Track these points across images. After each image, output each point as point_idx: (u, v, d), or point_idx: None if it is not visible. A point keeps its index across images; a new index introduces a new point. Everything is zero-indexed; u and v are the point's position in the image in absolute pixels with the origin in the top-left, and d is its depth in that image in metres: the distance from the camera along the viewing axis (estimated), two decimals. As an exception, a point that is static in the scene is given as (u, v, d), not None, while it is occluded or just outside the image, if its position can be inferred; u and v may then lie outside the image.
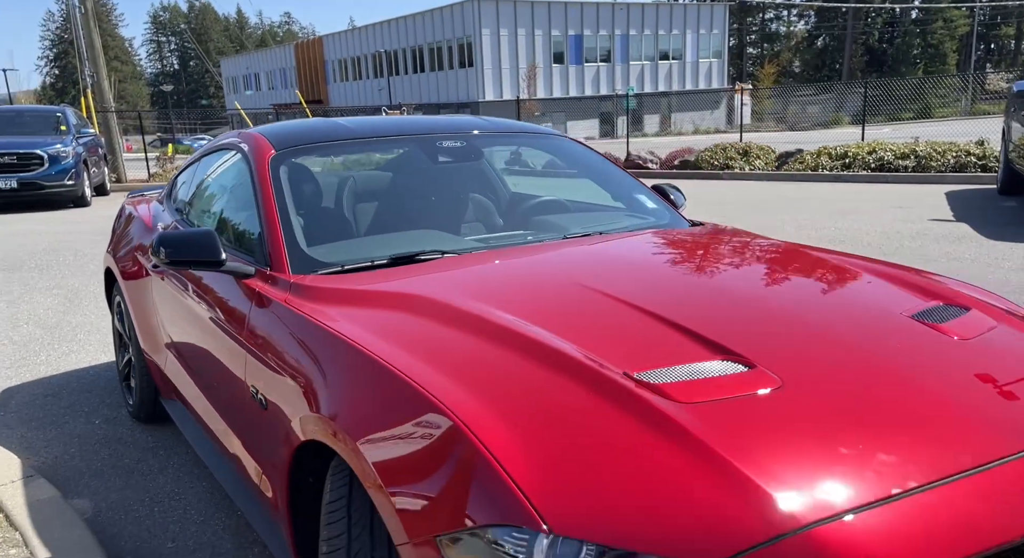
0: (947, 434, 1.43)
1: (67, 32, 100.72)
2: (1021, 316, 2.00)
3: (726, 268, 2.34)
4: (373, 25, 50.20)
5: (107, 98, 17.24)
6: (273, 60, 59.89)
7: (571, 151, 3.34)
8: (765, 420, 1.42)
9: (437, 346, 1.72)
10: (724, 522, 1.22)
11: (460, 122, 3.21)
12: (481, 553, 1.27)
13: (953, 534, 1.25)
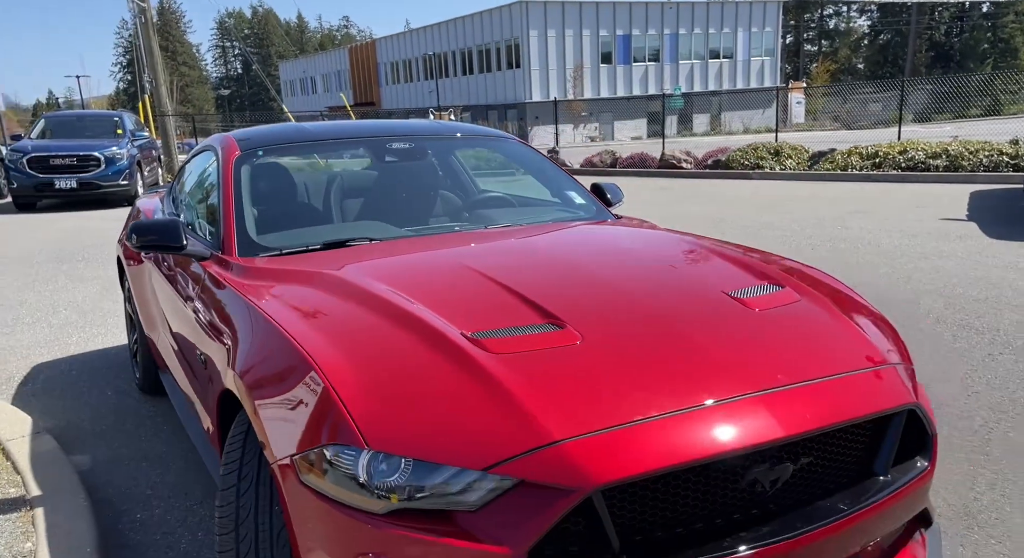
0: (698, 377, 1.75)
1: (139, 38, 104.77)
2: (828, 295, 2.29)
3: (593, 252, 2.68)
4: (423, 28, 51.11)
5: (164, 103, 18.22)
6: (328, 63, 61.47)
7: (519, 153, 3.69)
8: (556, 366, 1.76)
9: (324, 311, 2.10)
10: (498, 438, 1.57)
11: (413, 126, 3.58)
12: (323, 469, 1.64)
13: (681, 447, 1.59)
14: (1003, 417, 3.40)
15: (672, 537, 1.65)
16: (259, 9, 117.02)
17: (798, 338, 2.01)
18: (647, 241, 2.81)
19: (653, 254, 2.58)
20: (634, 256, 2.60)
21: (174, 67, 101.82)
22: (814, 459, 1.79)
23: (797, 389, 1.78)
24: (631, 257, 2.59)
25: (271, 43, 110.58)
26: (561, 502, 1.51)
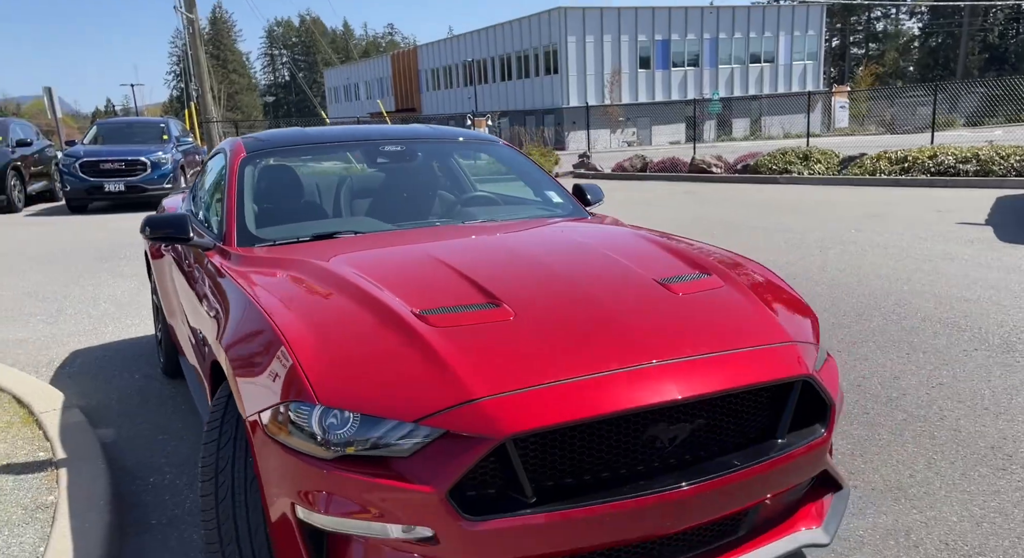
0: (610, 348, 2.02)
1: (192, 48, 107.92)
2: (752, 283, 2.52)
3: (547, 243, 2.96)
4: (464, 35, 51.73)
5: (209, 109, 18.96)
6: (372, 70, 62.56)
7: (507, 156, 3.97)
8: (487, 338, 2.05)
9: (298, 291, 2.42)
10: (429, 396, 1.86)
11: (406, 131, 3.91)
12: (284, 422, 1.94)
13: (584, 405, 1.85)
14: (959, 407, 3.57)
15: (580, 484, 1.91)
16: (306, 18, 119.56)
17: (709, 318, 2.26)
18: (600, 235, 3.07)
19: (601, 246, 2.84)
20: (583, 247, 2.87)
21: (224, 75, 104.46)
22: (711, 420, 2.04)
23: (695, 360, 2.03)
24: (580, 248, 2.86)
25: (317, 51, 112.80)
26: (477, 449, 1.79)
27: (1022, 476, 2.91)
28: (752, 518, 2.15)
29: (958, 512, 2.68)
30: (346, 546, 1.92)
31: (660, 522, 1.93)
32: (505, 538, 1.81)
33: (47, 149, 16.68)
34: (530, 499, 1.83)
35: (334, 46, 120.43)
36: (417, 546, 1.85)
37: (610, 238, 3.02)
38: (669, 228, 9.33)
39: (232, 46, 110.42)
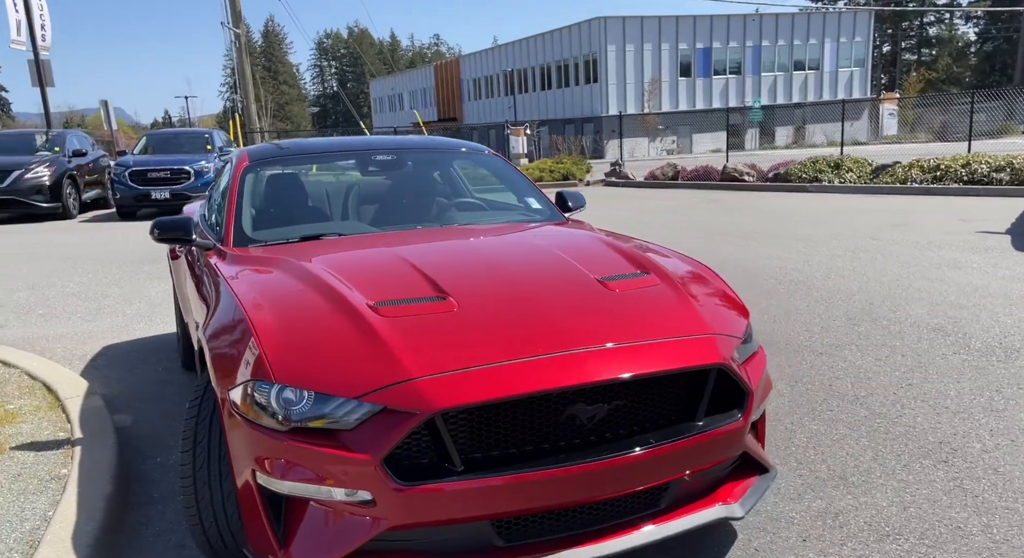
0: (539, 337, 2.27)
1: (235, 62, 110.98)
2: (689, 282, 2.73)
3: (507, 244, 3.23)
4: (505, 45, 52.25)
5: (253, 120, 19.67)
6: (415, 81, 63.55)
7: (494, 165, 4.23)
8: (429, 327, 2.31)
9: (272, 285, 2.71)
10: (371, 376, 2.12)
11: (399, 141, 4.21)
12: (248, 399, 2.22)
13: (506, 385, 2.09)
14: (921, 405, 3.69)
15: (506, 456, 2.15)
16: (354, 29, 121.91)
17: (636, 312, 2.48)
18: (560, 238, 3.31)
19: (556, 247, 3.07)
20: (538, 249, 3.11)
21: (275, 86, 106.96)
22: (630, 403, 2.26)
23: (614, 349, 2.26)
24: (535, 249, 3.11)
25: (364, 62, 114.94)
26: (409, 422, 2.04)
27: (960, 468, 3.04)
28: (673, 492, 2.35)
29: (889, 498, 2.83)
30: (299, 508, 2.18)
31: (577, 492, 2.16)
32: (434, 501, 2.06)
33: (101, 159, 17.50)
34: (458, 468, 2.08)
35: (381, 57, 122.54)
36: (358, 508, 2.10)
37: (567, 241, 3.25)
38: (686, 235, 9.45)
39: (283, 58, 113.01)
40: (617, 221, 11.91)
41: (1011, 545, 2.51)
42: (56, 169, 14.84)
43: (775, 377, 4.20)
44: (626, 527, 2.27)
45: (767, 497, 2.88)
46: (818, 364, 4.37)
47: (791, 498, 2.88)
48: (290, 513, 2.21)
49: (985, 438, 3.30)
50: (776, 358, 4.51)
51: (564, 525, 2.23)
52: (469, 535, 2.14)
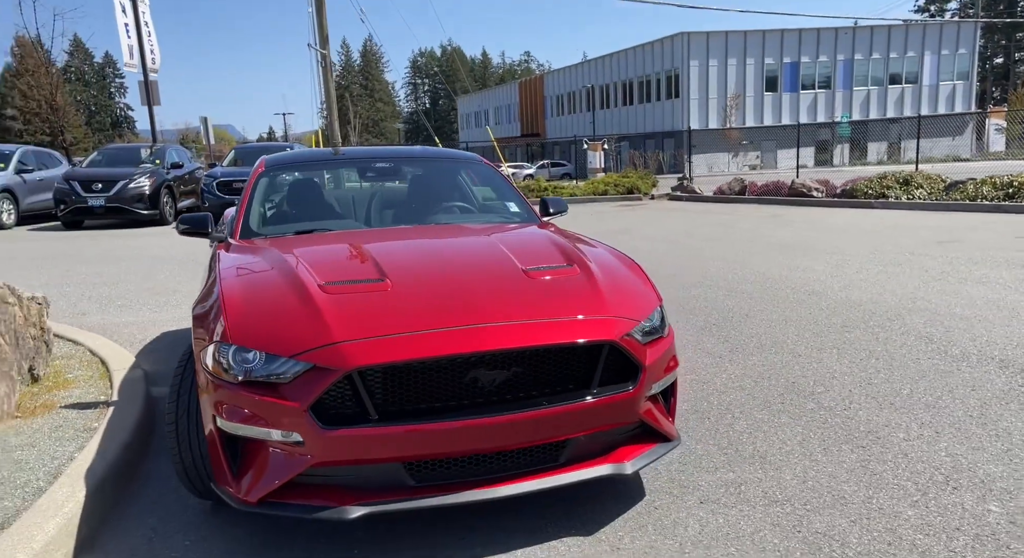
0: (453, 313, 2.68)
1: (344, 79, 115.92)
2: (604, 275, 3.07)
3: (460, 240, 3.63)
4: (588, 61, 52.73)
5: (336, 135, 20.78)
6: (500, 97, 64.81)
7: (484, 173, 4.67)
8: (363, 303, 2.76)
9: (251, 268, 3.22)
10: (306, 339, 2.58)
11: (400, 151, 4.70)
12: (211, 358, 2.71)
13: (415, 350, 2.51)
14: (868, 401, 3.88)
15: (417, 409, 2.57)
16: (448, 48, 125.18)
17: (546, 296, 2.86)
18: (514, 236, 3.71)
19: (503, 243, 3.46)
20: (486, 244, 3.52)
21: (371, 103, 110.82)
22: (529, 370, 2.63)
23: (515, 325, 2.65)
24: (482, 244, 3.52)
25: (456, 79, 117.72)
26: (330, 377, 2.49)
27: (873, 453, 3.25)
28: (571, 450, 2.70)
29: (795, 473, 3.09)
30: (248, 448, 2.65)
31: (477, 442, 2.55)
32: (351, 443, 2.49)
33: (197, 170, 18.94)
34: (373, 417, 2.51)
35: (472, 74, 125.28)
36: (292, 447, 2.55)
37: (517, 239, 3.65)
38: (721, 246, 9.52)
39: (379, 76, 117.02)
40: (661, 232, 12.12)
41: (881, 511, 2.74)
42: (156, 179, 16.21)
43: (748, 374, 4.44)
44: (524, 476, 2.64)
45: (684, 468, 3.18)
46: (792, 364, 4.57)
47: (707, 470, 3.17)
48: (242, 452, 2.68)
49: (912, 430, 3.48)
50: (755, 357, 4.73)
51: (470, 472, 2.62)
52: (384, 474, 2.56)
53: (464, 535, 2.72)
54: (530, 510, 2.86)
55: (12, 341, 4.00)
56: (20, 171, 16.38)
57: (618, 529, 2.74)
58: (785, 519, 2.76)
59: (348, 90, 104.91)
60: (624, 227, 13.21)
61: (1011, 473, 3.03)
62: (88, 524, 2.80)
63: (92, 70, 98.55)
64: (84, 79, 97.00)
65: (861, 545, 2.56)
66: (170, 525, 2.90)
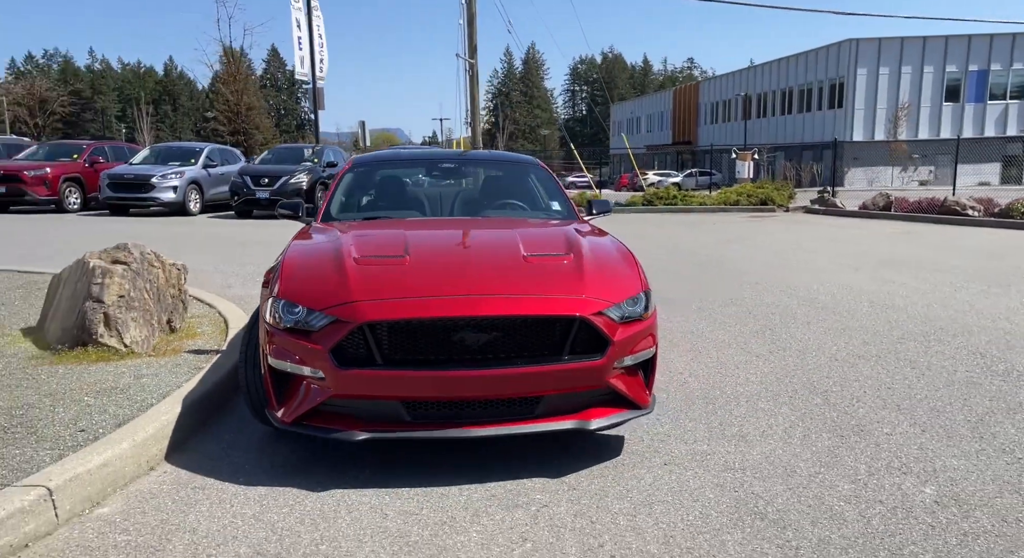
0: (452, 285, 3.30)
1: (504, 85, 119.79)
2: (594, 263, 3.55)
3: (493, 230, 4.20)
4: (745, 69, 51.33)
5: (478, 141, 21.95)
6: (653, 105, 64.42)
7: (539, 176, 5.24)
8: (382, 273, 3.42)
9: (315, 242, 3.97)
10: (334, 298, 3.27)
11: (467, 154, 5.37)
12: (268, 311, 3.46)
13: (415, 312, 3.14)
14: (879, 404, 4.08)
15: (415, 359, 3.18)
16: (609, 55, 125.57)
17: (534, 277, 3.40)
18: (538, 229, 4.26)
19: (521, 234, 4.00)
20: (506, 234, 4.08)
21: (529, 110, 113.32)
22: (507, 336, 3.17)
23: (498, 297, 3.21)
24: (502, 234, 4.09)
25: (615, 86, 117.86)
26: (347, 328, 3.16)
27: (850, 441, 3.52)
28: (545, 405, 3.22)
29: (762, 451, 3.42)
30: (288, 382, 3.36)
31: (461, 390, 3.13)
32: (359, 381, 3.15)
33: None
34: (378, 362, 3.15)
35: (631, 81, 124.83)
36: (317, 380, 3.24)
37: (536, 231, 4.20)
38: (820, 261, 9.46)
39: (539, 83, 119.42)
40: (771, 243, 12.05)
41: (820, 483, 3.04)
42: (312, 176, 17.96)
43: (775, 372, 4.71)
44: (502, 422, 3.19)
45: (666, 439, 3.58)
46: (823, 366, 4.77)
47: (685, 442, 3.56)
48: (284, 385, 3.40)
49: (900, 427, 3.68)
50: (791, 359, 4.97)
51: (457, 415, 3.20)
52: (386, 409, 3.20)
53: (453, 471, 3.29)
54: (512, 458, 3.39)
55: (154, 296, 5.02)
56: (206, 166, 18.69)
57: (581, 476, 3.21)
58: (730, 482, 3.12)
59: (508, 97, 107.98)
60: (737, 236, 13.20)
61: (969, 468, 3.20)
62: (180, 432, 3.64)
63: (284, 77, 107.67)
64: (276, 85, 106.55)
65: (784, 504, 2.91)
66: (240, 441, 3.68)
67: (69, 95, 79.61)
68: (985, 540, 2.64)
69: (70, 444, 3.23)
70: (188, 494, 3.09)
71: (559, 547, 2.65)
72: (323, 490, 3.12)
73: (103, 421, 3.50)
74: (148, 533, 2.76)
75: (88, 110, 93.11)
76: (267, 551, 2.64)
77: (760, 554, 2.58)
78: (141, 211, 17.77)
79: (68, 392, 3.93)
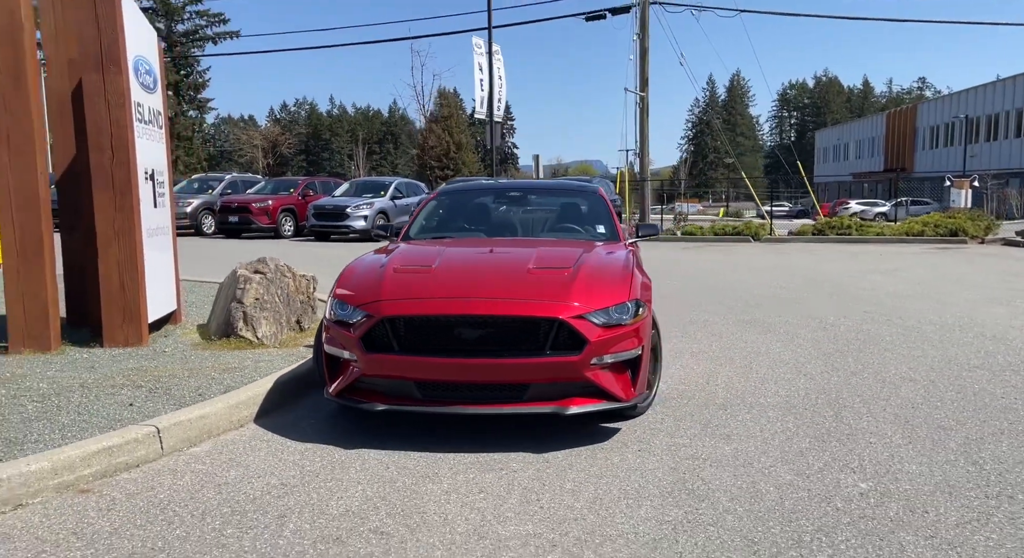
0: (461, 290, 4.03)
1: (705, 114, 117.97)
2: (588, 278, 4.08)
3: (520, 249, 4.84)
4: (971, 89, 46.74)
5: (646, 171, 22.35)
6: (863, 129, 60.38)
7: (593, 201, 5.83)
8: (410, 281, 4.23)
9: (375, 257, 4.83)
10: (367, 299, 4.12)
11: (535, 184, 6.08)
12: (328, 307, 4.38)
13: (425, 310, 3.92)
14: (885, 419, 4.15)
15: (426, 348, 3.93)
16: (823, 78, 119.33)
17: (528, 286, 4.04)
18: (559, 249, 4.86)
19: (541, 253, 4.60)
20: (526, 252, 4.69)
21: (731, 138, 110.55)
22: (499, 332, 3.82)
23: (492, 300, 3.87)
24: (523, 253, 4.73)
25: (829, 111, 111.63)
26: (372, 321, 3.98)
27: (830, 446, 3.70)
28: (532, 392, 3.83)
29: (734, 448, 3.77)
30: (336, 364, 4.22)
31: (460, 375, 3.82)
32: (381, 363, 3.95)
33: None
34: (395, 349, 3.92)
35: (848, 105, 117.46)
36: (353, 363, 4.07)
37: (559, 250, 4.79)
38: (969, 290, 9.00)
39: (744, 111, 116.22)
40: (928, 276, 11.46)
41: (762, 472, 3.34)
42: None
43: (811, 387, 4.89)
44: (496, 403, 3.84)
45: (655, 434, 4.01)
46: (856, 384, 4.85)
47: (668, 435, 3.96)
48: (334, 366, 4.26)
49: (886, 434, 3.79)
50: (835, 377, 5.09)
51: (460, 395, 3.89)
52: (402, 387, 3.96)
53: (457, 444, 3.95)
54: (510, 438, 3.99)
55: (284, 301, 6.19)
56: (393, 197, 20.82)
57: (559, 454, 3.75)
58: (685, 468, 3.52)
59: (708, 125, 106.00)
60: (892, 268, 12.58)
61: (921, 472, 3.32)
62: (269, 401, 4.62)
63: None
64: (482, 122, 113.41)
65: (719, 485, 3.29)
66: (312, 413, 4.58)
67: (296, 137, 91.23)
68: (877, 522, 2.87)
69: (187, 402, 4.31)
70: (256, 444, 4.03)
71: (504, 497, 3.24)
72: (352, 449, 3.92)
73: (215, 389, 4.58)
74: (217, 465, 3.71)
75: (326, 150, 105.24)
76: (288, 482, 3.48)
77: (667, 516, 3.01)
78: (341, 237, 20.16)
79: (203, 369, 5.10)
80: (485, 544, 2.84)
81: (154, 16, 53.57)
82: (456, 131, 57.44)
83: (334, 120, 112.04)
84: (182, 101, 54.71)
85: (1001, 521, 2.88)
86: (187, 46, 55.55)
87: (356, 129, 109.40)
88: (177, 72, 53.62)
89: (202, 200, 21.49)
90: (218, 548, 2.84)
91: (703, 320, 7.42)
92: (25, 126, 5.33)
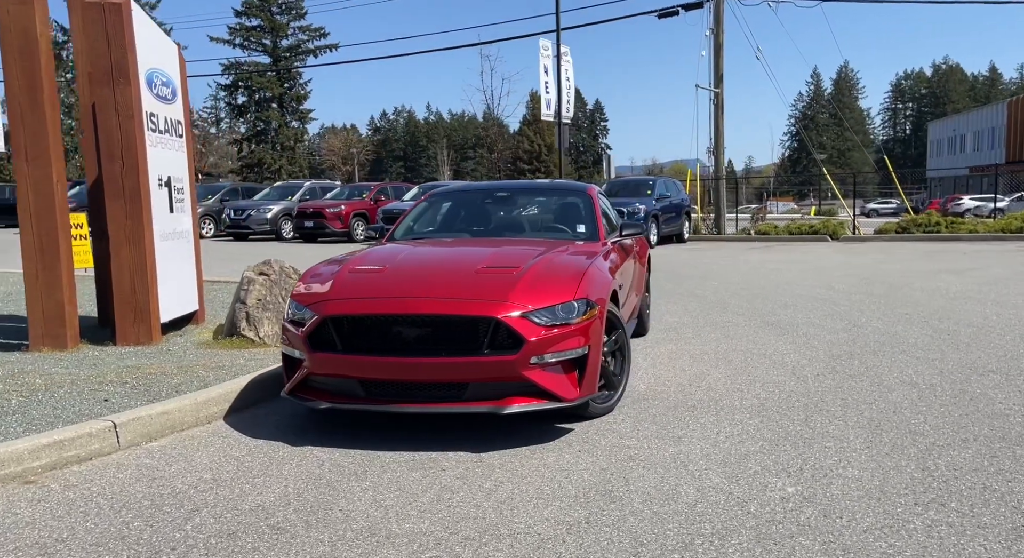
0: (404, 290, 4.00)
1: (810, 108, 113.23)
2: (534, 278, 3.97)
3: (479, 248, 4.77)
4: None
5: (720, 169, 21.61)
6: (982, 120, 56.24)
7: (583, 201, 5.70)
8: (360, 280, 4.24)
9: (343, 258, 4.85)
10: (316, 299, 4.15)
11: (524, 184, 5.96)
12: (286, 307, 4.44)
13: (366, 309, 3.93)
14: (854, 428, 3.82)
15: (368, 347, 3.92)
16: (942, 66, 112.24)
17: (471, 285, 3.96)
18: (519, 248, 4.78)
19: (498, 252, 4.56)
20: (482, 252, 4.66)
21: (838, 132, 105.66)
22: (438, 331, 3.77)
23: (432, 300, 3.83)
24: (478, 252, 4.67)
25: (950, 100, 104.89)
26: (317, 320, 4.00)
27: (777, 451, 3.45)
28: (471, 391, 3.77)
29: (678, 449, 3.58)
30: (292, 363, 4.24)
31: (400, 373, 3.80)
32: (325, 362, 3.97)
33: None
34: (338, 348, 3.93)
35: (972, 94, 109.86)
36: (303, 362, 4.10)
37: (517, 250, 4.72)
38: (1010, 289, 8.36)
39: (853, 104, 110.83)
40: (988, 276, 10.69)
41: (692, 474, 3.14)
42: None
43: (798, 391, 4.59)
44: (436, 402, 3.80)
45: (604, 434, 3.86)
46: (854, 387, 4.53)
47: (619, 436, 3.80)
48: (289, 365, 4.29)
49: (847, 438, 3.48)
50: (828, 381, 4.77)
51: (401, 394, 3.85)
52: (347, 385, 3.96)
53: (399, 443, 3.90)
54: (456, 438, 3.92)
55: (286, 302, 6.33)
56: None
57: (496, 454, 3.66)
58: (614, 468, 3.37)
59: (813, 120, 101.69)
60: (967, 267, 11.74)
61: (858, 476, 3.10)
62: (243, 399, 4.71)
63: (584, 116, 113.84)
64: (578, 124, 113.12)
65: (639, 487, 3.16)
66: (279, 412, 4.64)
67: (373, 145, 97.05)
68: (781, 527, 2.69)
69: (162, 399, 4.46)
70: (212, 440, 4.11)
71: (417, 496, 3.19)
72: (299, 446, 3.94)
73: (195, 386, 4.72)
74: (164, 460, 3.81)
75: (423, 156, 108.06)
76: (220, 477, 3.52)
77: (568, 517, 2.89)
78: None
79: (193, 367, 5.27)
80: (372, 541, 2.80)
81: (261, 33, 56.43)
82: (547, 133, 57.64)
83: (431, 127, 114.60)
84: (285, 113, 57.31)
85: (915, 528, 2.63)
86: (291, 60, 58.12)
87: (452, 135, 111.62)
88: (280, 85, 56.23)
89: (281, 206, 22.39)
90: (116, 540, 2.90)
91: (725, 321, 7.10)
92: (41, 138, 5.69)
